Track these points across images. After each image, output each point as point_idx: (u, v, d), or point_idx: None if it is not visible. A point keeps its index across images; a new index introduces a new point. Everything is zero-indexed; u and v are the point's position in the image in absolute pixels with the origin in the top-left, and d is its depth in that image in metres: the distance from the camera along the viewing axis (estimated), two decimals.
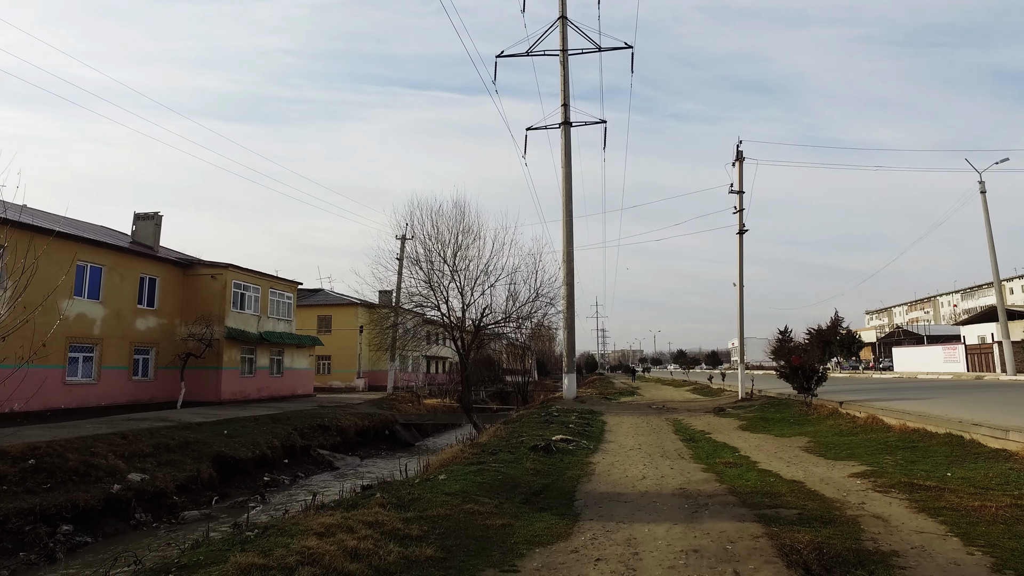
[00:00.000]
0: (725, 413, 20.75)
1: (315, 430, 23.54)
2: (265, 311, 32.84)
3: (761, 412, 19.65)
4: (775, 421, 16.88)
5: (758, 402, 23.32)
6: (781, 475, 8.97)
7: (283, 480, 18.78)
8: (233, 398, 29.61)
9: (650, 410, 23.94)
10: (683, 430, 16.54)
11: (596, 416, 20.17)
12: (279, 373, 34.10)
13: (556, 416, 18.09)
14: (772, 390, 27.37)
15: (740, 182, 25.86)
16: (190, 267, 29.85)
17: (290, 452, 21.06)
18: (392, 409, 31.68)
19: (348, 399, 35.56)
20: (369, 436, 26.92)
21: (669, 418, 20.00)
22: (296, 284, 36.21)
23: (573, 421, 16.94)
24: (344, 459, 22.65)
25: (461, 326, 26.23)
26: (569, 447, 11.85)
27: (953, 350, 55.09)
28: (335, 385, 48.70)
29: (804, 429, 14.79)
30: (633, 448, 12.79)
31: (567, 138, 32.61)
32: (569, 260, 31.29)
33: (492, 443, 12.08)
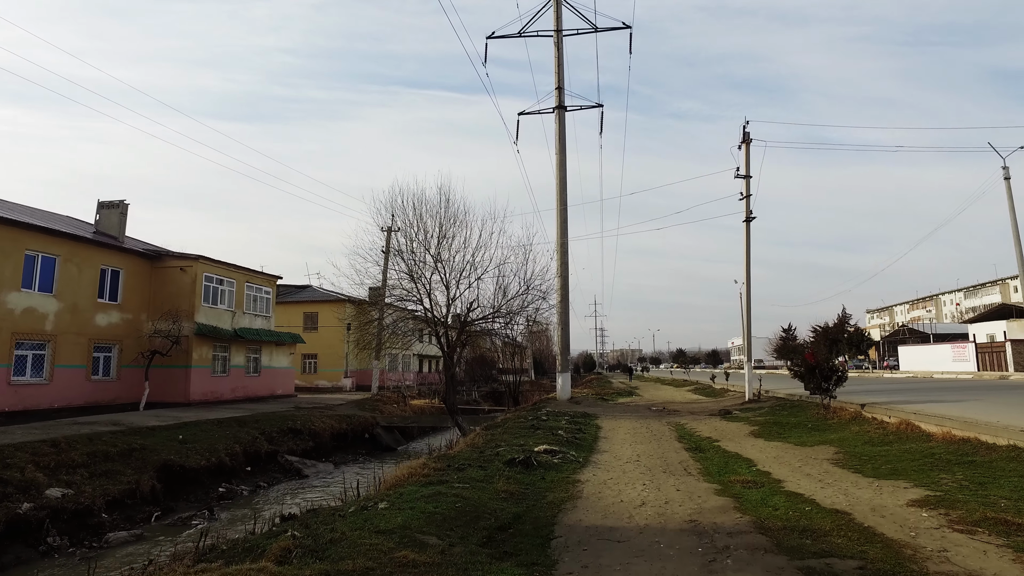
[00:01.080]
0: (733, 416, 18.87)
1: (285, 434, 21.62)
2: (240, 306, 30.89)
3: (773, 415, 17.76)
4: (791, 426, 14.99)
5: (767, 404, 21.44)
6: (817, 501, 7.08)
7: (241, 491, 16.87)
8: (204, 399, 27.68)
9: (649, 412, 22.05)
10: (687, 436, 14.65)
11: (590, 420, 18.27)
12: (256, 372, 32.15)
13: (544, 420, 16.19)
14: (780, 390, 25.53)
15: (747, 166, 23.98)
16: (158, 259, 27.91)
17: (254, 459, 19.14)
18: (375, 411, 29.76)
19: (331, 400, 33.65)
20: (347, 440, 25.00)
21: (671, 422, 18.11)
22: (275, 278, 34.28)
23: (563, 426, 15.04)
24: (315, 466, 20.74)
25: (445, 321, 24.31)
26: (554, 460, 9.95)
27: (963, 348, 53.34)
28: (321, 385, 46.82)
29: (826, 436, 12.89)
30: (630, 460, 10.89)
31: (561, 123, 30.77)
32: (563, 252, 29.43)
33: (462, 456, 10.17)
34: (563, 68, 31.64)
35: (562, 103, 31.01)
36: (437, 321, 24.04)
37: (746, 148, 24.03)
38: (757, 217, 23.66)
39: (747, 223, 23.81)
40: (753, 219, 23.74)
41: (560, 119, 30.83)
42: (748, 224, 23.83)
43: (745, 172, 23.94)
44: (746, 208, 23.80)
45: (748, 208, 23.76)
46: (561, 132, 30.74)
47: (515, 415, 18.16)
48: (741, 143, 24.13)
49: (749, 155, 24.00)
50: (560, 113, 30.93)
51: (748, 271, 23.80)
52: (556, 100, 31.08)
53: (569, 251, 29.95)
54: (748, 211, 23.74)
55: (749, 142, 23.96)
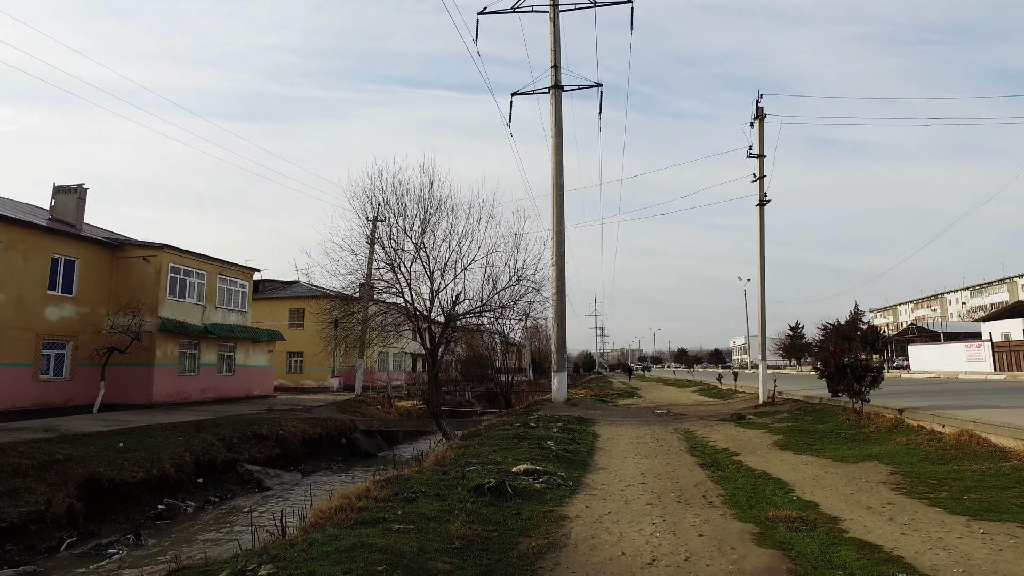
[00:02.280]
0: (748, 422, 16.66)
1: (247, 440, 19.43)
2: (212, 300, 28.70)
3: (795, 422, 15.56)
4: (820, 435, 12.79)
5: (785, 407, 19.23)
6: (907, 560, 4.88)
7: (185, 507, 14.67)
8: (169, 400, 25.50)
9: (653, 416, 19.86)
10: (700, 448, 12.45)
11: (586, 426, 16.07)
12: (230, 372, 29.96)
13: (533, 428, 13.98)
14: (795, 392, 23.36)
15: (760, 144, 21.76)
16: (120, 248, 25.72)
17: (208, 469, 16.96)
18: (356, 412, 27.56)
19: (311, 401, 31.47)
20: (321, 446, 22.81)
21: (678, 428, 15.91)
22: (252, 271, 32.08)
23: (554, 435, 12.83)
24: (280, 476, 18.55)
25: (429, 316, 22.11)
26: (536, 484, 7.74)
27: (978, 348, 51.13)
28: (307, 385, 44.70)
29: (869, 449, 10.69)
30: (634, 482, 8.70)
31: (558, 103, 28.62)
32: (559, 241, 27.25)
33: (419, 479, 7.96)
34: (559, 46, 29.51)
35: (558, 82, 28.85)
36: (419, 316, 21.84)
37: (759, 125, 21.82)
38: (772, 200, 21.46)
39: (761, 207, 21.59)
40: (768, 202, 21.53)
41: (556, 99, 28.69)
42: (762, 208, 21.61)
43: (759, 151, 21.73)
44: (760, 190, 21.59)
45: (762, 190, 21.54)
46: (557, 113, 28.62)
47: (500, 421, 15.96)
48: (754, 120, 21.92)
49: (763, 133, 21.79)
50: (556, 93, 28.78)
51: (762, 259, 21.59)
52: (552, 79, 28.93)
53: (566, 243, 27.78)
54: (762, 194, 21.53)
55: (763, 118, 21.75)
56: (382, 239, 21.60)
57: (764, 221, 21.65)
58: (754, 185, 21.88)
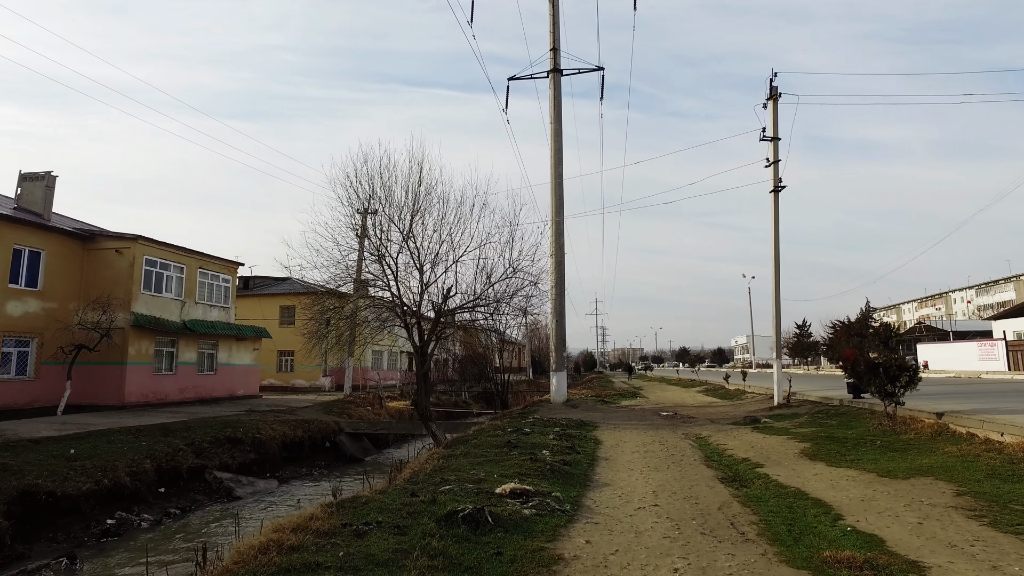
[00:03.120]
0: (765, 426, 15.12)
1: (219, 444, 17.90)
2: (192, 295, 27.19)
3: (819, 426, 14.01)
4: (852, 443, 11.24)
5: (803, 410, 17.69)
6: None
7: (140, 521, 13.15)
8: (144, 400, 23.99)
9: (659, 419, 18.33)
10: (716, 456, 10.93)
11: (587, 431, 14.54)
12: (211, 370, 28.46)
13: (527, 434, 12.44)
14: (810, 392, 21.82)
15: (775, 126, 20.22)
16: (91, 240, 24.20)
17: (172, 477, 15.44)
18: (343, 414, 26.05)
19: (299, 401, 30.00)
20: (302, 450, 21.28)
21: (688, 433, 14.37)
22: (236, 265, 30.55)
23: (550, 442, 11.30)
24: (253, 484, 17.03)
25: (417, 311, 20.57)
26: (524, 510, 6.19)
27: (991, 347, 49.70)
28: (298, 384, 43.23)
29: (916, 461, 9.15)
30: (644, 504, 7.17)
31: (556, 88, 27.11)
32: (558, 232, 25.73)
33: (381, 502, 6.41)
34: (558, 27, 28.01)
35: (557, 66, 27.31)
36: (406, 310, 20.30)
37: (773, 106, 20.28)
38: (786, 187, 19.91)
39: (775, 193, 20.05)
40: (783, 188, 19.99)
41: (555, 83, 27.18)
42: (777, 195, 20.07)
43: (772, 133, 20.20)
44: (774, 176, 20.05)
45: (776, 175, 20.00)
46: (556, 98, 27.11)
47: (492, 425, 14.40)
48: (767, 99, 20.37)
49: (777, 114, 20.26)
50: (555, 77, 27.25)
51: (776, 250, 20.05)
52: (551, 63, 27.39)
53: (565, 236, 26.26)
54: (777, 179, 19.99)
55: (777, 98, 20.21)
56: (367, 228, 20.04)
57: (779, 208, 20.12)
58: (768, 170, 20.36)
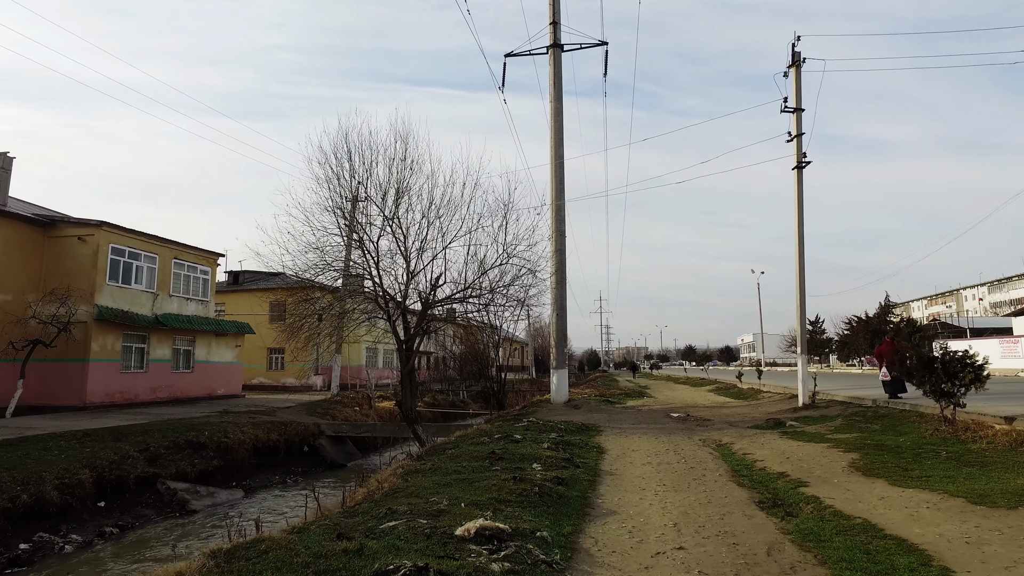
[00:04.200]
0: (794, 431, 13.12)
1: (178, 450, 16.00)
2: (165, 287, 25.32)
3: (859, 431, 12.02)
4: (911, 454, 9.25)
5: (833, 411, 15.69)
6: None
7: (65, 544, 11.25)
8: (109, 400, 22.13)
9: (670, 422, 16.35)
10: (745, 470, 8.97)
11: (589, 436, 12.58)
12: (188, 368, 26.59)
13: (518, 441, 10.48)
14: (834, 391, 19.80)
15: (797, 96, 18.21)
16: (52, 226, 22.34)
17: (116, 489, 13.55)
18: (326, 415, 24.14)
19: (285, 400, 28.15)
20: (277, 455, 19.38)
21: (706, 439, 12.40)
22: (215, 256, 28.65)
23: (544, 452, 9.34)
24: (214, 495, 15.12)
25: (403, 302, 18.66)
26: (492, 565, 4.23)
27: (1014, 344, 47.55)
28: (289, 383, 41.36)
29: (1012, 481, 7.16)
30: (665, 547, 5.21)
31: (557, 64, 25.16)
32: (559, 219, 23.79)
33: (287, 552, 4.45)
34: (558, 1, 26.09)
35: (557, 40, 25.34)
36: (389, 300, 18.40)
37: (796, 74, 18.26)
38: (812, 163, 17.89)
39: (799, 170, 18.03)
40: (807, 164, 17.97)
41: (555, 59, 25.21)
42: (800, 172, 18.05)
43: (795, 104, 18.18)
44: (797, 151, 18.03)
45: (800, 151, 17.98)
46: (557, 75, 25.16)
47: (479, 430, 12.41)
48: (789, 67, 18.34)
49: (800, 82, 18.23)
50: (555, 52, 25.29)
51: (800, 233, 18.04)
52: (550, 37, 25.42)
53: (567, 222, 24.30)
54: (800, 155, 17.97)
55: (799, 65, 18.18)
56: (344, 209, 18.10)
57: (802, 188, 18.10)
58: (789, 145, 18.34)
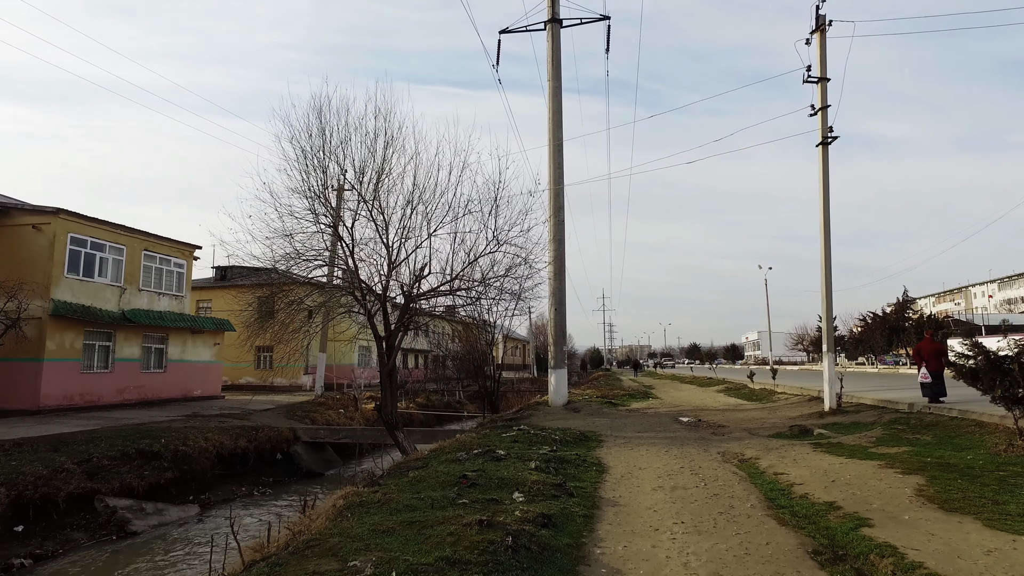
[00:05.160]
0: (826, 441, 11.20)
1: (126, 460, 14.18)
2: (134, 281, 23.50)
3: (908, 443, 10.11)
4: (992, 477, 7.35)
5: (867, 417, 13.78)
6: None
7: None
8: (68, 403, 20.33)
9: (681, 428, 14.46)
10: (783, 499, 7.10)
11: (587, 448, 10.71)
12: (160, 367, 24.79)
13: (501, 459, 8.60)
14: (857, 393, 17.90)
15: (822, 64, 16.28)
16: (4, 215, 20.55)
17: (41, 509, 11.73)
18: (306, 418, 22.34)
19: (266, 402, 26.36)
20: (246, 463, 17.55)
21: (726, 452, 10.52)
22: (192, 248, 26.80)
23: (528, 476, 7.47)
24: (163, 513, 13.30)
25: (384, 295, 16.80)
26: None
27: None
28: (277, 383, 39.51)
29: None
30: None
31: (555, 41, 23.31)
32: (558, 207, 21.94)
33: None
34: None
35: (556, 15, 23.47)
36: (367, 293, 16.55)
37: (820, 39, 16.33)
38: (839, 138, 15.95)
39: (824, 147, 16.11)
40: (834, 139, 16.05)
41: (553, 36, 23.35)
42: (825, 149, 16.13)
43: (819, 73, 16.26)
44: (822, 125, 16.10)
45: (825, 125, 16.06)
46: (555, 52, 23.31)
47: (458, 442, 10.43)
48: (812, 31, 16.42)
49: (825, 49, 16.31)
50: (553, 28, 23.42)
51: (826, 216, 16.11)
52: (548, 12, 23.55)
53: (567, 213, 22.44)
54: (825, 130, 16.05)
55: (824, 29, 16.25)
56: (313, 189, 16.19)
57: (828, 167, 16.17)
58: (812, 120, 16.42)
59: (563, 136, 22.73)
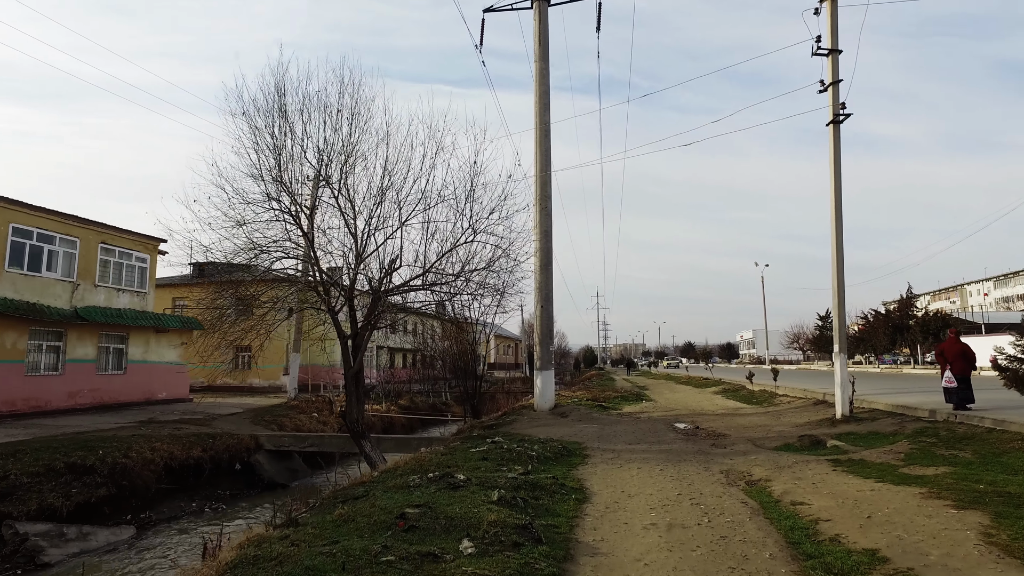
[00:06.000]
0: (845, 455, 9.66)
1: (52, 476, 12.53)
2: (89, 276, 21.81)
3: (944, 463, 8.59)
4: None
5: (886, 426, 12.26)
6: None
7: None
8: (9, 409, 18.62)
9: (677, 438, 12.91)
10: (809, 542, 5.52)
11: (568, 466, 9.15)
12: (119, 369, 23.10)
13: (459, 487, 7.01)
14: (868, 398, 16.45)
15: (833, 34, 14.74)
16: None
17: None
18: (274, 423, 20.71)
19: (236, 405, 24.79)
20: (200, 475, 15.90)
21: (730, 470, 8.97)
22: (157, 241, 25.01)
23: (486, 514, 5.86)
24: (87, 537, 11.68)
25: (350, 289, 15.20)
26: None
27: None
28: (256, 384, 37.89)
29: None
30: None
31: (542, 19, 21.78)
32: (545, 196, 20.37)
33: None
34: None
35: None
36: (331, 287, 14.95)
37: (830, 7, 14.79)
38: (853, 115, 14.41)
39: (835, 125, 14.58)
40: (845, 119, 14.52)
41: (540, 14, 21.81)
42: (837, 127, 14.59)
43: (830, 44, 14.71)
44: (832, 102, 14.57)
45: (836, 101, 14.53)
46: (542, 31, 21.77)
47: (409, 464, 8.63)
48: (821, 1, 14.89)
49: (836, 17, 14.77)
50: (540, 6, 21.86)
51: (838, 203, 14.59)
52: None
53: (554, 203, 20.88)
54: (837, 107, 14.51)
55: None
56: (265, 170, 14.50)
57: (839, 146, 14.64)
58: (822, 96, 14.90)
59: (551, 120, 21.20)
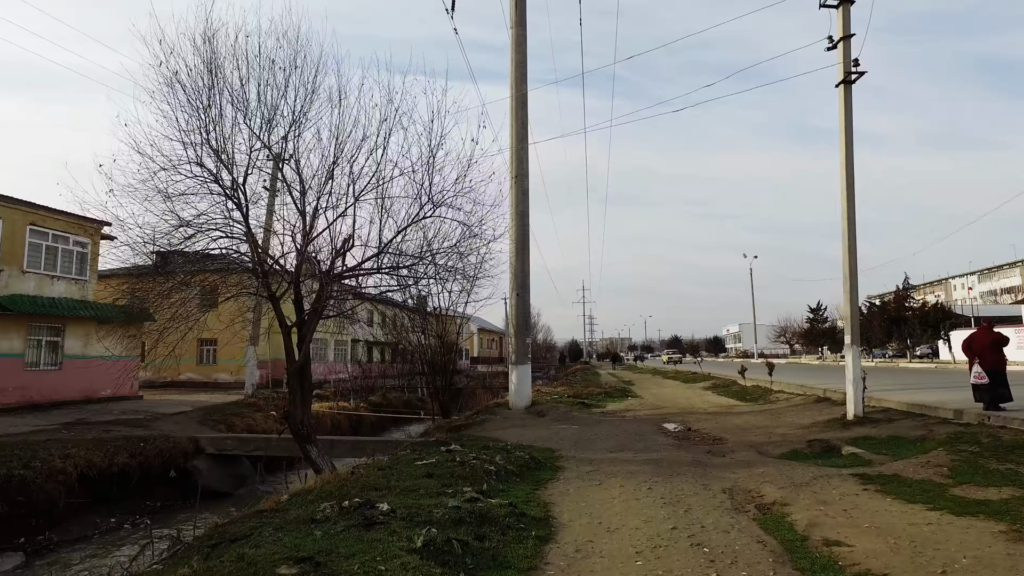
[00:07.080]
0: (872, 468, 7.90)
1: None
2: (16, 261, 19.69)
3: (1005, 481, 6.88)
4: None
5: (912, 430, 10.57)
6: None
7: None
8: None
9: (667, 443, 11.14)
10: None
11: (535, 482, 7.35)
12: (54, 365, 20.99)
13: (375, 524, 5.15)
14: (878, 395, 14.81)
15: None
16: None
17: None
18: (222, 423, 18.74)
19: (191, 402, 22.77)
20: (126, 484, 13.96)
21: (732, 488, 7.21)
22: (99, 224, 22.74)
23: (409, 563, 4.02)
24: None
25: (298, 271, 13.25)
26: None
27: None
28: (221, 379, 35.90)
29: None
30: None
31: None
32: (521, 175, 18.54)
33: None
34: None
35: None
36: (270, 270, 13.00)
37: None
38: (867, 73, 12.68)
39: (846, 86, 12.84)
40: (857, 78, 12.79)
41: None
42: (848, 88, 12.86)
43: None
44: (843, 59, 12.83)
45: (848, 59, 12.79)
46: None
47: (331, 482, 6.61)
48: None
49: None
50: None
51: (849, 174, 12.87)
52: None
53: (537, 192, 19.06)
54: (848, 64, 12.77)
55: None
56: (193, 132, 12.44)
57: (851, 108, 12.91)
58: (830, 54, 13.16)
59: (527, 90, 19.34)
